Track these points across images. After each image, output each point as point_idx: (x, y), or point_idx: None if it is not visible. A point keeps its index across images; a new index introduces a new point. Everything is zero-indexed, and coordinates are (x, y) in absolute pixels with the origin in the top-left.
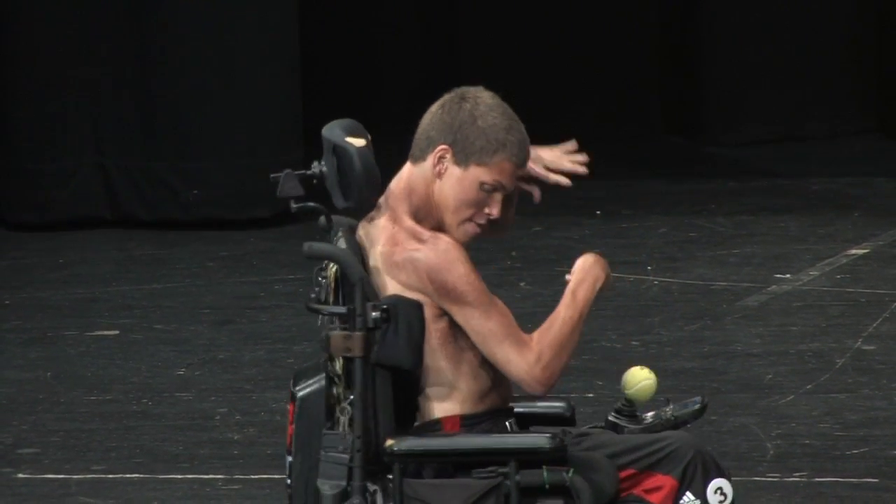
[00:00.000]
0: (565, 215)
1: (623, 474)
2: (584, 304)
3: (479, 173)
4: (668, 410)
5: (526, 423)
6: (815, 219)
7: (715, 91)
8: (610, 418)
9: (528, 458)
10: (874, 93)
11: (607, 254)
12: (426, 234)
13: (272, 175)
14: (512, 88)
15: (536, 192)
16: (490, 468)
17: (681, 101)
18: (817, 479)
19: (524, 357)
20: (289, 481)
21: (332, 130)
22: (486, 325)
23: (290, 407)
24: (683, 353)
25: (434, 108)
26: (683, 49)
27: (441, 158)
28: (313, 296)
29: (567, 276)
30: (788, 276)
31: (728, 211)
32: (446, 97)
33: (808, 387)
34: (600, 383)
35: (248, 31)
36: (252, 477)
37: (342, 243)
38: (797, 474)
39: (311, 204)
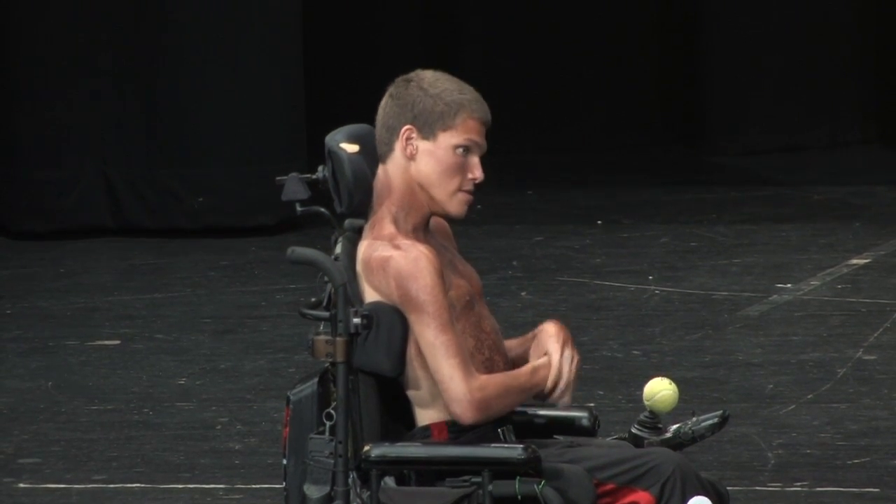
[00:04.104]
0: (566, 224)
1: (603, 488)
2: (538, 381)
3: (449, 138)
4: (689, 424)
5: (549, 430)
6: (816, 228)
7: (716, 100)
8: (633, 430)
9: (501, 468)
10: (875, 102)
11: (608, 263)
12: (403, 241)
13: (277, 178)
14: (514, 99)
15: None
16: (464, 477)
17: (682, 110)
18: (818, 489)
19: (467, 379)
20: (284, 483)
21: (333, 136)
22: (440, 337)
23: (285, 410)
24: (684, 362)
25: (383, 101)
26: (685, 59)
27: (408, 140)
28: (313, 300)
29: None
30: (789, 285)
31: (729, 220)
32: (391, 87)
33: (809, 396)
34: (601, 392)
35: (251, 38)
36: (253, 486)
37: (339, 248)
38: (798, 484)
39: (316, 207)
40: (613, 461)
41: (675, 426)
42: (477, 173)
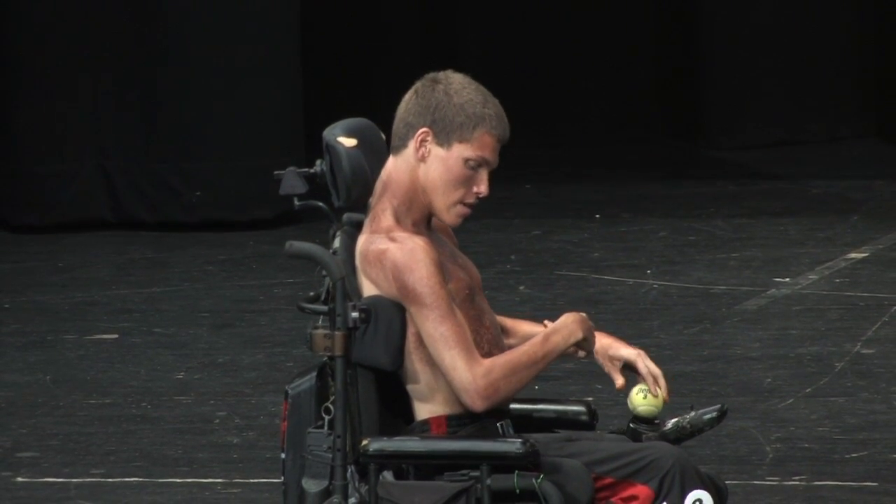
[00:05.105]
0: (564, 218)
1: (602, 482)
2: (551, 348)
3: (463, 150)
4: (687, 418)
5: (548, 425)
6: (814, 222)
7: (715, 95)
8: (631, 424)
9: (499, 462)
10: (874, 97)
11: (607, 257)
12: (400, 234)
13: (275, 173)
14: (513, 94)
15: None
16: (462, 471)
17: (681, 104)
18: (816, 483)
19: (471, 367)
20: (282, 478)
21: (331, 130)
22: (439, 329)
23: (283, 404)
24: (683, 356)
25: (408, 95)
26: (684, 53)
27: (423, 142)
28: (312, 294)
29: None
30: (788, 279)
31: (727, 214)
32: (418, 83)
33: (808, 390)
34: (599, 387)
35: (250, 33)
36: (251, 481)
37: (337, 242)
38: (796, 478)
39: (314, 202)
40: (612, 455)
41: (673, 420)
42: (482, 188)
